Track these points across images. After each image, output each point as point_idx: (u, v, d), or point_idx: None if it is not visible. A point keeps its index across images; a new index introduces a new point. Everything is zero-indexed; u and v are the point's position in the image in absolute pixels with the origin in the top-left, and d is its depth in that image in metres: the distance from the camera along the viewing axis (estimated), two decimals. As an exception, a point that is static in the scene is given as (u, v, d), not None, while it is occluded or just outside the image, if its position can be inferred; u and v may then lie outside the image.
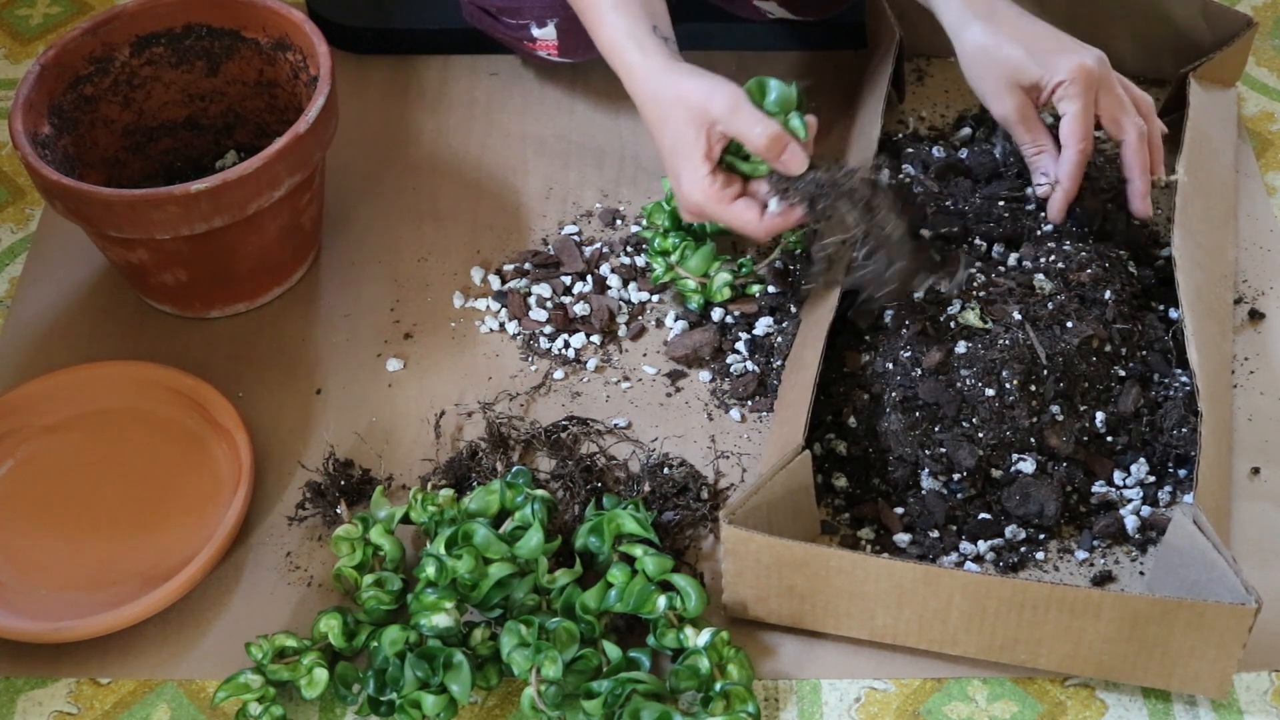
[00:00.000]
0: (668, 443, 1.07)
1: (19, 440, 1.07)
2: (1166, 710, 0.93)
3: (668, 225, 1.15)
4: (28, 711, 0.95)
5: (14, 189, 1.30)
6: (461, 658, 0.91)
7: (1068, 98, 1.04)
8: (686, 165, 1.01)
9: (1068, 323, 1.02)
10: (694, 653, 0.92)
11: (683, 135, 1.00)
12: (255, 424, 1.08)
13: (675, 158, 1.02)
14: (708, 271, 1.12)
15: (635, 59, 1.03)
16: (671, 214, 1.15)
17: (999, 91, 1.06)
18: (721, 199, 1.01)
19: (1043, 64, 1.04)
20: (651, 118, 1.03)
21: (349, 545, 0.98)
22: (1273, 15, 1.42)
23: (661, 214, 1.16)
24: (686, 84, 1.00)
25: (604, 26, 1.05)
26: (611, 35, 1.05)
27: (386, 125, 1.32)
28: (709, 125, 0.99)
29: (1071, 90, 1.03)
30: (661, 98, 1.01)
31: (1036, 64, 1.04)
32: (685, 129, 1.00)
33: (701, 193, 1.01)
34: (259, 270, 1.15)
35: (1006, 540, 0.98)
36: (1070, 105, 1.04)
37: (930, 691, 0.94)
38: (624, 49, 1.04)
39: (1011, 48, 1.04)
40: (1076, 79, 1.03)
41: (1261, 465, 1.04)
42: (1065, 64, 1.03)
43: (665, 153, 1.03)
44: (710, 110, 0.99)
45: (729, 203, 1.01)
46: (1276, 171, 1.25)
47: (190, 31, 1.19)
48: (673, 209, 1.15)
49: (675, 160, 1.02)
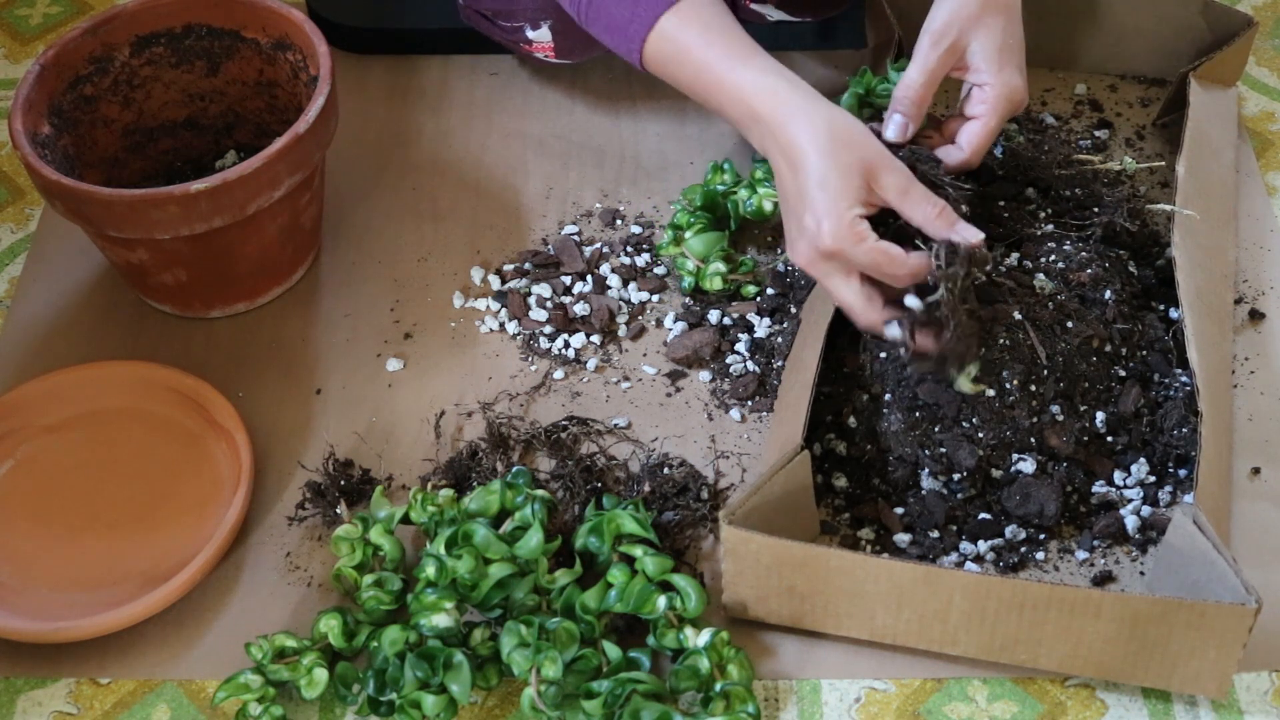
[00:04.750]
0: (668, 443, 1.07)
1: (19, 440, 1.07)
2: (1166, 710, 0.93)
3: (698, 204, 1.17)
4: (28, 711, 0.95)
5: (14, 189, 1.30)
6: (461, 658, 0.91)
7: (988, 105, 1.03)
8: (837, 204, 0.94)
9: (1068, 323, 1.02)
10: (694, 653, 0.92)
11: (844, 178, 0.94)
12: (255, 424, 1.08)
13: (823, 192, 0.94)
14: (706, 257, 1.13)
15: (783, 89, 0.98)
16: (704, 194, 1.18)
17: (939, 36, 1.03)
18: (865, 237, 0.93)
19: (986, 54, 1.03)
20: (800, 146, 0.95)
21: (349, 545, 0.98)
22: (1273, 15, 1.42)
23: (696, 193, 1.18)
24: (862, 135, 0.96)
25: (732, 81, 1.00)
26: (746, 84, 0.99)
27: (386, 125, 1.32)
28: (874, 183, 0.94)
29: (995, 104, 1.03)
30: (824, 131, 0.95)
31: (982, 51, 1.03)
32: (850, 175, 0.94)
33: (847, 229, 0.93)
34: (259, 270, 1.15)
35: (1006, 540, 0.98)
36: (988, 118, 1.03)
37: (930, 691, 0.94)
38: (766, 87, 0.98)
39: (990, 17, 1.03)
40: (1003, 95, 1.03)
41: (1261, 465, 1.04)
42: (1008, 76, 1.03)
43: (808, 183, 0.95)
44: (884, 177, 0.94)
45: (873, 241, 0.94)
46: (1276, 171, 1.25)
47: (190, 31, 1.19)
48: (707, 190, 1.17)
49: (820, 195, 0.94)
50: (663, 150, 1.28)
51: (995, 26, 1.03)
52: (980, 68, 1.03)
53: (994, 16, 1.03)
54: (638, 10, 1.03)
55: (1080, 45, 1.30)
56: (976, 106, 1.04)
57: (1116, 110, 1.29)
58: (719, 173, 1.19)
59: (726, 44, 1.01)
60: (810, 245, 0.95)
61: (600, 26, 1.06)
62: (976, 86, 1.04)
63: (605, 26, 1.06)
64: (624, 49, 1.05)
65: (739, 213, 1.17)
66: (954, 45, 1.03)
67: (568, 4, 1.09)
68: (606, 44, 1.07)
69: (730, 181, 1.19)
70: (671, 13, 1.01)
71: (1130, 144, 1.26)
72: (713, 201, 1.18)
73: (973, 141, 1.04)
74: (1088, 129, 1.27)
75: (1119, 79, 1.32)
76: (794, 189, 0.97)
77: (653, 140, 1.29)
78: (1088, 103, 1.30)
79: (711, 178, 1.19)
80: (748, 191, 1.17)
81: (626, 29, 1.03)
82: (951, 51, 1.03)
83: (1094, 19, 1.28)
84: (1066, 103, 1.30)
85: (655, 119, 1.31)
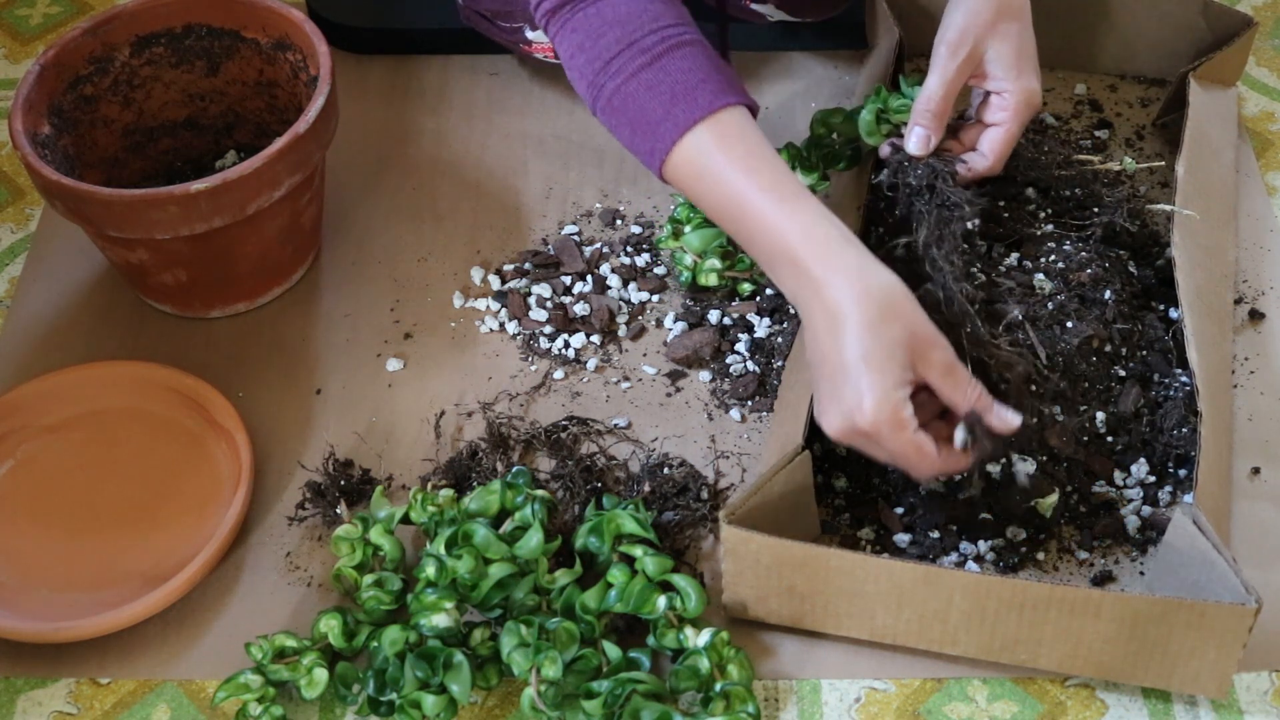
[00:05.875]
0: (668, 443, 1.07)
1: (19, 440, 1.07)
2: (1166, 710, 0.93)
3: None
4: (28, 711, 0.95)
5: (14, 189, 1.30)
6: (461, 658, 0.91)
7: (1009, 112, 1.04)
8: (882, 381, 0.87)
9: (1068, 323, 1.02)
10: (694, 653, 0.92)
11: (890, 353, 0.88)
12: (255, 424, 1.08)
13: (866, 365, 0.87)
14: (703, 252, 1.13)
15: (835, 239, 0.91)
16: None
17: (956, 46, 1.02)
18: (907, 425, 0.88)
19: (1004, 61, 1.03)
20: (846, 311, 0.89)
21: (349, 545, 0.98)
22: (1273, 15, 1.42)
23: None
24: (912, 308, 0.89)
25: (777, 220, 0.92)
26: (794, 228, 0.92)
27: (386, 125, 1.32)
28: (919, 360, 0.89)
29: (1016, 110, 1.03)
30: (875, 299, 0.89)
31: (1000, 58, 1.03)
32: (895, 350, 0.88)
33: (889, 412, 0.87)
34: (259, 270, 1.15)
35: (1007, 540, 0.98)
36: (1010, 125, 1.04)
37: (930, 691, 0.94)
38: (816, 234, 0.91)
39: (1005, 24, 1.03)
40: (1023, 101, 1.03)
41: (1261, 465, 1.04)
42: (1025, 82, 1.03)
43: (849, 354, 0.88)
44: (930, 354, 0.89)
45: (912, 431, 0.88)
46: (1276, 171, 1.25)
47: (190, 31, 1.19)
48: None
49: (862, 368, 0.87)
50: (663, 150, 1.28)
51: (1011, 33, 1.03)
52: (998, 75, 1.03)
53: (1009, 23, 1.03)
54: (673, 110, 0.95)
55: (1080, 45, 1.31)
56: (997, 113, 1.04)
57: (1116, 110, 1.29)
58: None
59: (774, 174, 0.94)
60: (846, 419, 0.89)
61: (623, 121, 0.98)
62: (995, 94, 1.04)
63: (630, 126, 0.98)
64: (646, 150, 0.97)
65: None
66: (971, 54, 1.03)
67: (587, 93, 1.00)
68: (625, 143, 1.00)
69: None
70: (711, 122, 0.95)
71: (1130, 144, 1.26)
72: None
73: (996, 148, 1.04)
74: (1088, 129, 1.27)
75: (1119, 79, 1.32)
76: (833, 354, 0.89)
77: (653, 140, 1.29)
78: (1088, 103, 1.30)
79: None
80: None
81: (656, 128, 0.96)
82: (970, 60, 1.03)
83: (1094, 19, 1.28)
84: (1066, 103, 1.30)
85: (655, 119, 1.31)
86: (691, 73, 0.96)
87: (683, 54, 0.97)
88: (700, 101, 0.95)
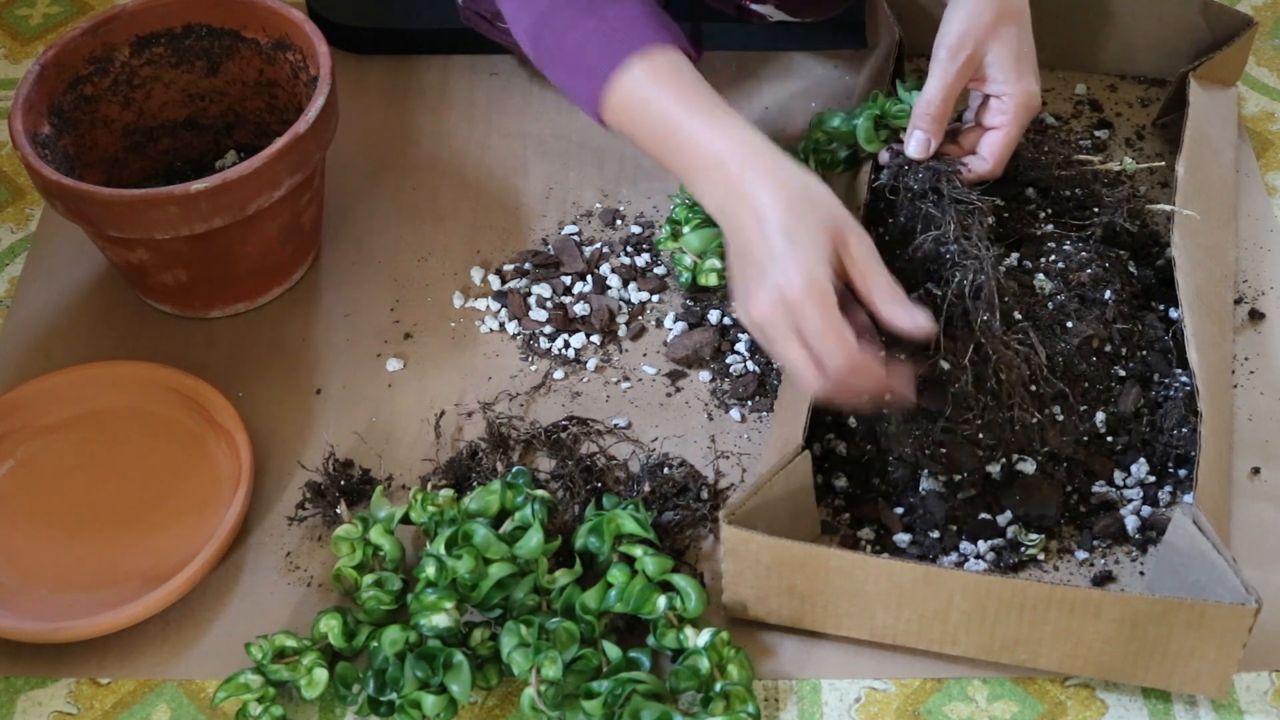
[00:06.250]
0: (668, 443, 1.07)
1: (19, 440, 1.07)
2: (1166, 710, 0.93)
3: (695, 199, 1.16)
4: (28, 711, 0.95)
5: (14, 189, 1.30)
6: (461, 658, 0.91)
7: (1009, 115, 1.04)
8: (806, 257, 0.90)
9: (1068, 323, 1.02)
10: (694, 653, 0.92)
11: (813, 236, 0.91)
12: (255, 424, 1.08)
13: (792, 245, 0.90)
14: (703, 253, 1.13)
15: (759, 145, 0.95)
16: None
17: (955, 49, 1.02)
18: (832, 302, 0.90)
19: (1003, 64, 1.03)
20: (768, 200, 0.92)
21: (349, 545, 0.98)
22: (1273, 15, 1.42)
23: None
24: (830, 199, 0.93)
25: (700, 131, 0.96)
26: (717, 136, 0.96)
27: (386, 125, 1.32)
28: (842, 248, 0.92)
29: (1016, 113, 1.03)
30: (795, 189, 0.92)
31: (999, 61, 1.03)
32: (818, 234, 0.91)
33: (816, 285, 0.89)
34: (259, 270, 1.15)
35: (1007, 540, 0.98)
36: (1009, 128, 1.04)
37: (930, 691, 0.94)
38: (740, 141, 0.95)
39: (1005, 27, 1.03)
40: (1023, 104, 1.03)
41: (1261, 465, 1.04)
42: (1026, 84, 1.03)
43: (775, 236, 0.91)
44: (849, 241, 0.92)
45: (837, 311, 0.90)
46: (1276, 171, 1.25)
47: (190, 31, 1.19)
48: None
49: (789, 248, 0.91)
50: (663, 150, 1.28)
51: (1010, 36, 1.03)
52: (998, 78, 1.03)
53: (1008, 26, 1.03)
54: (607, 51, 0.99)
55: (1080, 45, 1.31)
56: (996, 116, 1.04)
57: (1116, 110, 1.29)
58: None
59: (706, 101, 0.97)
60: (772, 292, 0.90)
61: (561, 68, 1.03)
62: (994, 97, 1.04)
63: (567, 69, 1.02)
64: (585, 94, 1.01)
65: None
66: (971, 57, 1.02)
67: (526, 40, 1.05)
68: (562, 88, 1.04)
69: None
70: (644, 58, 0.98)
71: (1130, 144, 1.26)
72: None
73: (995, 151, 1.04)
74: (1088, 129, 1.27)
75: (1119, 79, 1.32)
76: (759, 244, 0.92)
77: (653, 140, 1.29)
78: (1088, 103, 1.30)
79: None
80: None
81: (593, 71, 0.99)
82: (970, 63, 1.03)
83: (1094, 19, 1.28)
84: (1066, 103, 1.30)
85: (655, 119, 1.31)
86: (627, 19, 1.00)
87: (620, 5, 1.00)
88: (634, 40, 0.99)
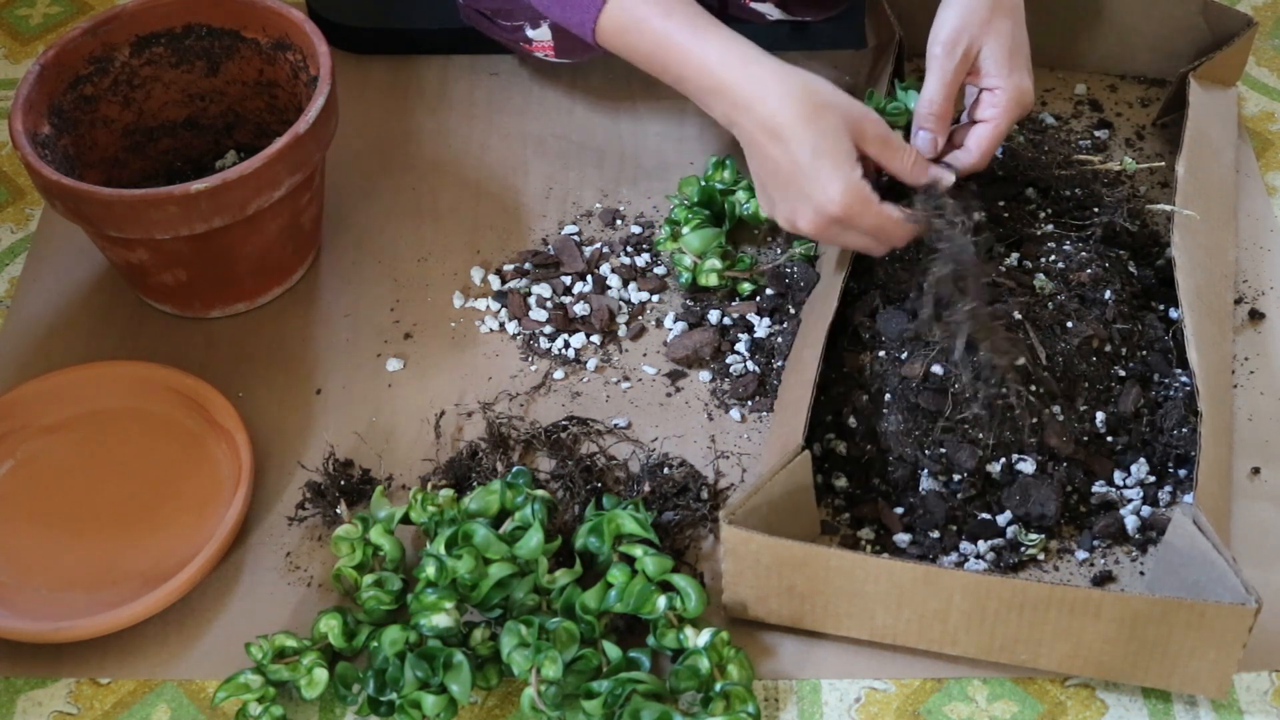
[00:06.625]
0: (668, 443, 1.07)
1: (19, 440, 1.07)
2: (1166, 710, 0.93)
3: (695, 199, 1.18)
4: (28, 711, 0.95)
5: (14, 189, 1.30)
6: (461, 658, 0.91)
7: (999, 109, 1.04)
8: (839, 168, 0.96)
9: (1068, 323, 1.02)
10: (694, 653, 0.92)
11: (836, 141, 0.96)
12: (255, 424, 1.08)
13: (820, 160, 0.96)
14: (703, 253, 1.13)
15: (751, 57, 0.99)
16: (702, 190, 1.18)
17: (951, 45, 1.03)
18: (874, 200, 0.97)
19: (997, 59, 1.03)
20: (783, 118, 0.96)
21: (349, 545, 0.98)
22: (1273, 15, 1.42)
23: (693, 186, 1.18)
24: (834, 94, 0.98)
25: (696, 52, 1.00)
26: (711, 56, 1.00)
27: (386, 125, 1.32)
28: (859, 138, 0.97)
29: (1006, 107, 1.03)
30: (801, 98, 0.97)
31: (992, 55, 1.03)
32: (839, 137, 0.96)
33: (855, 194, 0.96)
34: (259, 270, 1.15)
35: (1007, 540, 0.98)
36: (998, 121, 1.04)
37: (930, 691, 0.94)
38: (732, 57, 0.99)
39: (999, 21, 1.03)
40: (1014, 99, 1.03)
41: (1261, 465, 1.04)
42: (1017, 79, 1.03)
43: (802, 154, 0.96)
44: (865, 129, 0.97)
45: (878, 204, 0.97)
46: (1276, 171, 1.25)
47: (190, 31, 1.19)
48: (705, 186, 1.18)
49: (819, 163, 0.96)
50: (663, 150, 1.28)
51: (1004, 31, 1.03)
52: (991, 72, 1.03)
53: (1002, 20, 1.03)
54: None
55: (1080, 45, 1.31)
56: (986, 110, 1.04)
57: (1116, 110, 1.29)
58: (720, 169, 1.20)
59: (686, 14, 1.01)
60: (819, 213, 0.97)
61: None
62: (986, 91, 1.04)
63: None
64: (577, 20, 1.05)
65: (735, 213, 1.17)
66: (967, 52, 1.03)
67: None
68: (555, 17, 1.07)
69: (730, 180, 1.19)
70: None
71: (1130, 144, 1.26)
72: (710, 198, 1.18)
73: (981, 144, 1.04)
74: (1088, 129, 1.27)
75: (1119, 79, 1.32)
76: (785, 161, 0.97)
77: (653, 140, 1.29)
78: (1088, 103, 1.30)
79: (712, 174, 1.20)
80: (746, 194, 1.17)
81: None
82: (965, 59, 1.03)
83: (1094, 19, 1.28)
84: (1066, 103, 1.30)
85: (655, 119, 1.31)
86: None
87: None
88: None
